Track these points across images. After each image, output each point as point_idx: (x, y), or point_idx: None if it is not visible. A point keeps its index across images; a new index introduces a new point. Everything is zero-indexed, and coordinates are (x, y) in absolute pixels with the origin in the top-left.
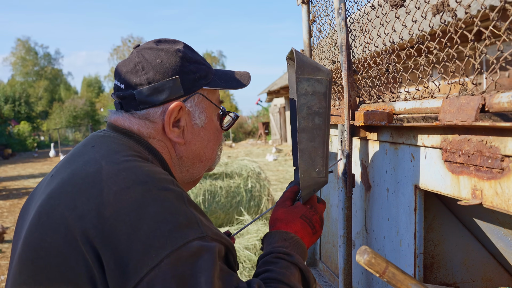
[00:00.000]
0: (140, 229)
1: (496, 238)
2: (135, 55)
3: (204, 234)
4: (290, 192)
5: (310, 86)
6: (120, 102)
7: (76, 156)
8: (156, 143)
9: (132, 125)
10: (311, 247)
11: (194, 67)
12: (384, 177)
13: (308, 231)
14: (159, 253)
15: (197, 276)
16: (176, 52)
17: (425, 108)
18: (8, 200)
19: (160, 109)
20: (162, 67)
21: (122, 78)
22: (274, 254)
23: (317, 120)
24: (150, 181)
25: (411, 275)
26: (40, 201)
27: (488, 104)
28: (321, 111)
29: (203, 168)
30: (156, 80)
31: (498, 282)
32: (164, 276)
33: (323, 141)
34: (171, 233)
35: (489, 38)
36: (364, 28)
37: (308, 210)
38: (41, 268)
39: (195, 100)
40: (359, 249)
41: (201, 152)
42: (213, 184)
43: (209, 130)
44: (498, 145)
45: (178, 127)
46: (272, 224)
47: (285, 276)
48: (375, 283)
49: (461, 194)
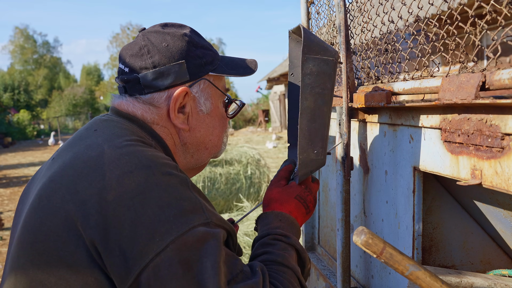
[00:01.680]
0: (144, 214)
1: (495, 220)
2: (140, 38)
3: (209, 220)
4: (285, 171)
5: (316, 66)
6: (124, 86)
7: (78, 140)
8: (160, 129)
9: (136, 110)
10: (310, 232)
11: (200, 52)
12: (383, 160)
13: (302, 211)
14: (165, 238)
15: (203, 261)
16: (182, 36)
17: (424, 87)
18: (8, 188)
19: (165, 94)
20: (168, 51)
21: (127, 62)
22: (272, 236)
23: (320, 101)
24: (153, 166)
25: (409, 256)
26: (41, 184)
27: (489, 81)
28: (325, 92)
29: (208, 155)
30: (161, 64)
31: (497, 265)
32: (170, 262)
33: (324, 123)
34: (176, 218)
35: (490, 13)
36: (362, 7)
37: (302, 190)
38: (40, 252)
39: (201, 86)
40: (356, 229)
41: (206, 139)
42: (213, 171)
43: (215, 117)
44: (498, 124)
45: (183, 113)
46: (267, 203)
47: (284, 258)
48: (373, 266)
49: (460, 174)
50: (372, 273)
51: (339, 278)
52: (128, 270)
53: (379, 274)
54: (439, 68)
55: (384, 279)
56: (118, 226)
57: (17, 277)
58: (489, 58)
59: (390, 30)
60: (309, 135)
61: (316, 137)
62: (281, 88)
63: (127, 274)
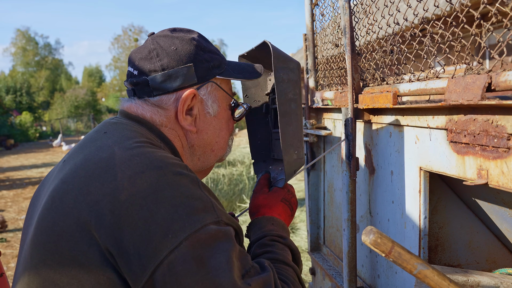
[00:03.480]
0: (157, 213)
1: (500, 219)
2: (149, 42)
3: (219, 219)
4: (264, 179)
5: (285, 74)
6: (133, 89)
7: (88, 142)
8: (168, 131)
9: (145, 112)
10: (315, 232)
11: (208, 56)
12: (389, 160)
13: (288, 213)
14: (178, 235)
15: (217, 257)
16: (191, 41)
17: (430, 88)
18: (11, 190)
19: (173, 96)
20: (176, 54)
21: (136, 65)
22: (269, 237)
23: (293, 106)
24: (164, 166)
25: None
26: (53, 186)
27: (495, 82)
28: (295, 97)
29: (214, 157)
30: (170, 67)
31: (502, 264)
32: (184, 258)
33: (298, 125)
34: (189, 216)
35: (495, 15)
36: (368, 9)
37: (286, 193)
38: (53, 251)
39: (208, 88)
40: (364, 229)
41: (212, 141)
42: (216, 172)
43: (221, 119)
44: (504, 124)
45: (191, 115)
46: (256, 210)
47: (284, 257)
48: (379, 265)
49: (466, 174)
50: (378, 272)
51: (346, 277)
52: (143, 268)
53: (385, 273)
54: (444, 69)
55: (391, 278)
56: (132, 225)
57: (30, 277)
58: (493, 58)
59: (395, 31)
60: (289, 138)
61: (294, 139)
62: None
63: (142, 272)
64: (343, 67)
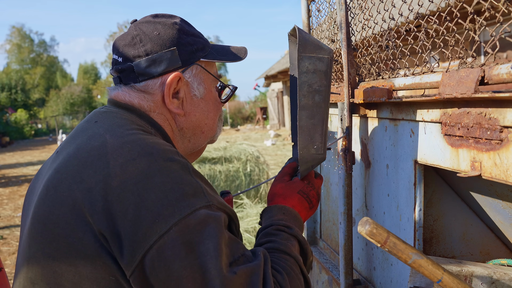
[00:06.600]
0: (147, 199)
1: (494, 211)
2: (132, 28)
3: (210, 203)
4: (289, 168)
5: (312, 64)
6: (119, 76)
7: (80, 132)
8: (157, 116)
9: (133, 99)
10: (311, 226)
11: (191, 39)
12: (384, 154)
13: (305, 205)
14: (168, 221)
15: (205, 243)
16: (173, 25)
17: (424, 83)
18: (7, 188)
19: (158, 81)
20: (159, 39)
21: (120, 52)
22: (275, 226)
23: (317, 98)
24: (155, 153)
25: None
26: (47, 176)
27: (488, 76)
28: (322, 89)
29: (204, 138)
30: (154, 52)
31: (496, 255)
32: (173, 243)
33: (322, 119)
34: (178, 202)
35: (488, 10)
36: (363, 5)
37: (305, 185)
38: (50, 240)
39: (193, 71)
40: (360, 220)
41: (201, 123)
42: (212, 169)
43: (208, 101)
44: (497, 117)
45: (178, 98)
46: (271, 198)
47: (287, 246)
48: (375, 258)
49: (460, 166)
50: (374, 265)
51: (342, 270)
52: (133, 253)
53: (381, 265)
54: (439, 63)
55: (386, 270)
56: (123, 211)
57: (29, 267)
58: (487, 53)
59: (390, 27)
60: (309, 131)
61: (316, 133)
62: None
63: (132, 257)
64: (339, 62)
